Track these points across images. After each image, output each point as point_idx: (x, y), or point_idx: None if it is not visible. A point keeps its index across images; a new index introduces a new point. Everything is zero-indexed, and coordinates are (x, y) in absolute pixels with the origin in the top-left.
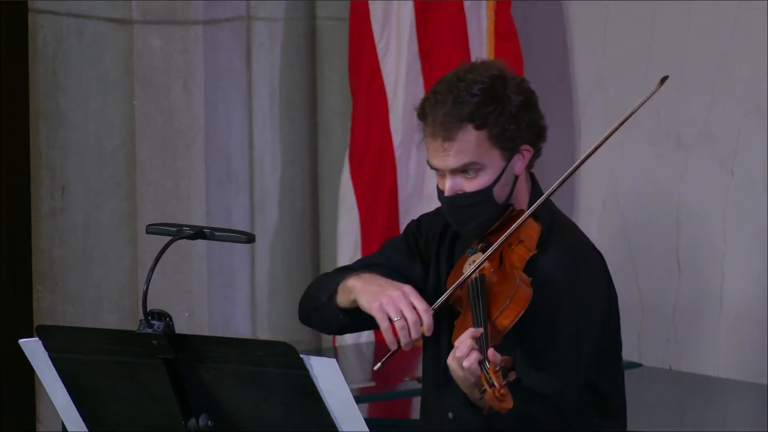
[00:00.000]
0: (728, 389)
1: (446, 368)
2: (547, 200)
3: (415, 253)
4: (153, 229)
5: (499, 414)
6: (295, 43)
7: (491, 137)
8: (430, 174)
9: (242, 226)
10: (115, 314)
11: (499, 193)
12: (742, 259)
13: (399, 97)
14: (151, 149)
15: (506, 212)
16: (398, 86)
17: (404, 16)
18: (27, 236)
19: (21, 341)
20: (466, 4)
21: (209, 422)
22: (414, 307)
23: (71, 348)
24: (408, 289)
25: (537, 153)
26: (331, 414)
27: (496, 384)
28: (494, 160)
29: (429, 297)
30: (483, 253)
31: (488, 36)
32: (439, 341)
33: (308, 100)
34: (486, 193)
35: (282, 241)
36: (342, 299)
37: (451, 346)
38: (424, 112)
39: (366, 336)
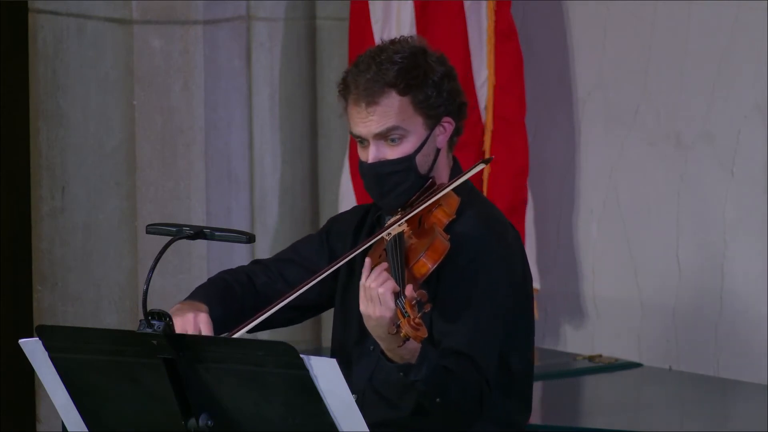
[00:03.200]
0: (728, 389)
1: (360, 345)
2: (470, 183)
3: (326, 248)
4: (153, 229)
5: (417, 366)
6: (295, 43)
7: (414, 103)
8: None
9: (242, 226)
10: (115, 314)
11: (421, 163)
12: (742, 259)
13: None
14: (151, 149)
15: (427, 184)
16: None
17: (404, 16)
18: (27, 236)
19: (21, 341)
20: (466, 3)
21: (209, 422)
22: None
23: (71, 348)
24: (203, 318)
25: (458, 130)
26: (331, 414)
27: (410, 314)
28: (417, 127)
29: (338, 292)
30: (401, 215)
31: (488, 36)
32: (357, 315)
33: (308, 100)
34: (409, 160)
35: (282, 241)
36: None
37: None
38: (345, 85)
39: None
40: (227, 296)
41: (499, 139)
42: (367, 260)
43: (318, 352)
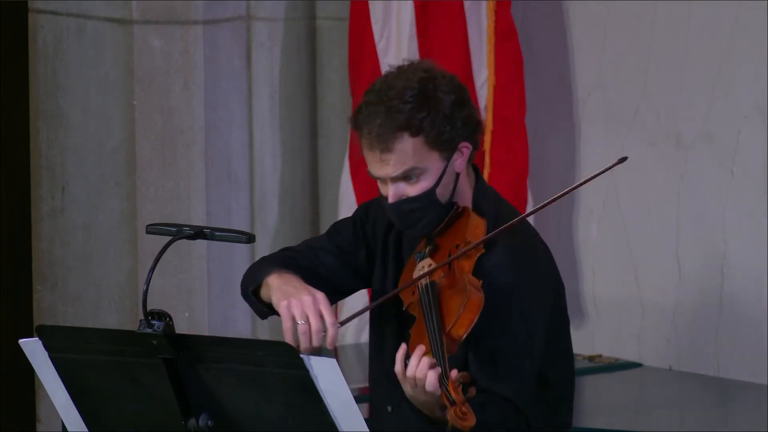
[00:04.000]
0: (728, 389)
1: (388, 365)
2: (491, 190)
3: (361, 238)
4: (153, 229)
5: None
6: (295, 43)
7: (428, 142)
8: None
9: (242, 226)
10: (115, 314)
11: (442, 194)
12: (742, 259)
13: None
14: (151, 149)
15: (451, 210)
16: None
17: (404, 16)
18: (27, 236)
19: (21, 341)
20: (466, 3)
21: (209, 422)
22: (321, 317)
23: (71, 348)
24: (321, 296)
25: (475, 146)
26: (331, 414)
27: (456, 401)
28: (434, 162)
29: (375, 287)
30: (431, 259)
31: (488, 36)
32: (383, 335)
33: (308, 100)
34: (429, 196)
35: (282, 241)
36: (264, 294)
37: (395, 344)
38: (357, 123)
39: (366, 336)
40: (305, 272)
41: (499, 139)
42: (402, 349)
43: (318, 352)
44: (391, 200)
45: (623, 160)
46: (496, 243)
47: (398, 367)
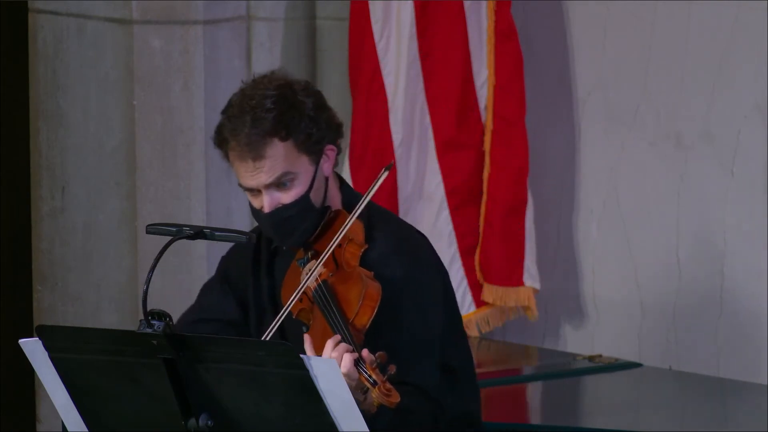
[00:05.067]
0: (728, 389)
1: None
2: (356, 192)
3: (228, 291)
4: (153, 229)
5: (378, 413)
6: (295, 43)
7: (297, 144)
8: (430, 174)
9: (242, 226)
10: (115, 314)
11: (316, 198)
12: (742, 259)
13: (399, 97)
14: (151, 149)
15: (326, 215)
16: (398, 86)
17: (404, 16)
18: (27, 236)
19: (21, 341)
20: (466, 3)
21: (209, 422)
22: None
23: (71, 348)
24: None
25: (338, 150)
26: (331, 414)
27: (378, 381)
28: (304, 166)
29: (252, 331)
30: (316, 260)
31: (488, 36)
32: None
33: None
34: (304, 200)
35: None
36: None
37: None
38: (222, 138)
39: None
40: None
41: (499, 139)
42: (307, 337)
43: None
44: (267, 209)
45: (389, 167)
46: (375, 237)
47: (325, 354)
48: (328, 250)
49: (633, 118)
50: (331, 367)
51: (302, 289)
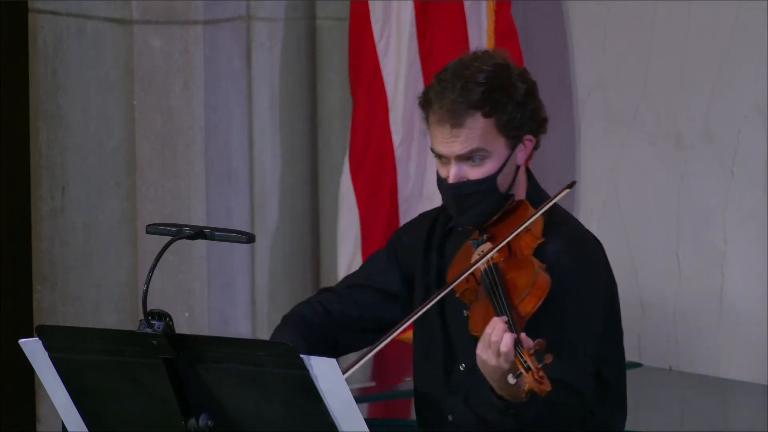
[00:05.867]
0: (728, 389)
1: (448, 369)
2: (543, 193)
3: (394, 264)
4: (153, 229)
5: (527, 405)
6: (295, 43)
7: (498, 125)
8: (430, 174)
9: (242, 226)
10: (115, 314)
11: (502, 182)
12: (742, 259)
13: (399, 97)
14: (151, 149)
15: (507, 202)
16: (398, 86)
17: (404, 16)
18: (27, 236)
19: (21, 341)
20: (466, 3)
21: (209, 422)
22: None
23: (71, 348)
24: None
25: (536, 144)
26: (331, 414)
27: (532, 367)
28: (499, 148)
29: (416, 306)
30: (491, 243)
31: (488, 36)
32: (441, 339)
33: (308, 100)
34: (490, 181)
35: (282, 241)
36: None
37: (445, 342)
38: (428, 100)
39: None
40: (308, 331)
41: None
42: (500, 319)
43: None
44: (452, 180)
45: (572, 185)
46: (552, 233)
47: (485, 331)
48: (509, 238)
49: (633, 118)
50: (331, 367)
51: (472, 269)
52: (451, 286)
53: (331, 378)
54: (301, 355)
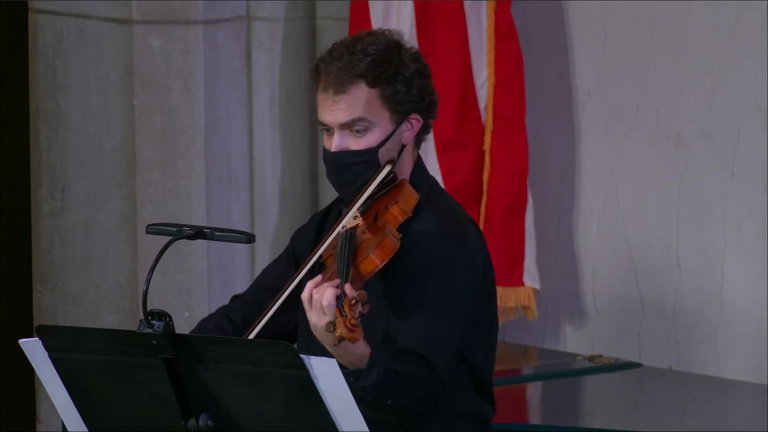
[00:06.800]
0: (728, 389)
1: (316, 348)
2: (432, 177)
3: (293, 263)
4: (153, 229)
5: (366, 372)
6: (295, 43)
7: (382, 96)
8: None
9: (242, 226)
10: (115, 314)
11: (384, 156)
12: (742, 259)
13: None
14: (151, 149)
15: (388, 178)
16: None
17: (404, 16)
18: (27, 236)
19: (21, 341)
20: (466, 3)
21: (209, 422)
22: None
23: (71, 348)
24: None
25: (425, 128)
26: (331, 414)
27: (348, 314)
28: (383, 121)
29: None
30: (362, 215)
31: (488, 35)
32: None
33: (308, 100)
34: (371, 153)
35: (282, 241)
36: None
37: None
38: (317, 71)
39: None
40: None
41: (499, 139)
42: (315, 279)
43: None
44: (334, 149)
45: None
46: (425, 211)
47: (305, 294)
48: (362, 199)
49: (633, 118)
50: (331, 367)
51: (335, 233)
52: (320, 251)
53: (331, 378)
54: (301, 355)
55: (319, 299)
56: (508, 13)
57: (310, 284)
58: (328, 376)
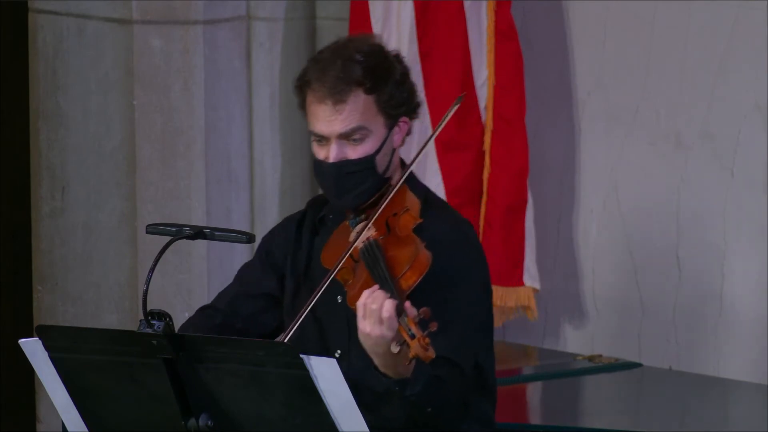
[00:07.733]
0: (728, 389)
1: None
2: (416, 181)
3: (268, 268)
4: (153, 229)
5: (413, 381)
6: (295, 43)
7: (379, 102)
8: (430, 174)
9: (242, 226)
10: (115, 314)
11: (380, 163)
12: (742, 259)
13: None
14: (151, 149)
15: (384, 186)
16: None
17: (404, 16)
18: (27, 236)
19: (21, 341)
20: (466, 3)
21: (209, 422)
22: None
23: (71, 348)
24: None
25: (409, 130)
26: (331, 414)
27: (417, 334)
28: (379, 127)
29: (286, 302)
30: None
31: (488, 36)
32: (314, 329)
33: None
34: (370, 160)
35: None
36: None
37: (325, 331)
38: (306, 81)
39: None
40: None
41: (499, 139)
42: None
43: None
44: (332, 159)
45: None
46: (431, 216)
47: (360, 301)
48: (379, 210)
49: (633, 118)
50: (331, 367)
51: (354, 245)
52: (338, 267)
53: (331, 378)
54: (301, 355)
55: (377, 310)
56: (508, 13)
57: (366, 292)
58: (328, 376)
